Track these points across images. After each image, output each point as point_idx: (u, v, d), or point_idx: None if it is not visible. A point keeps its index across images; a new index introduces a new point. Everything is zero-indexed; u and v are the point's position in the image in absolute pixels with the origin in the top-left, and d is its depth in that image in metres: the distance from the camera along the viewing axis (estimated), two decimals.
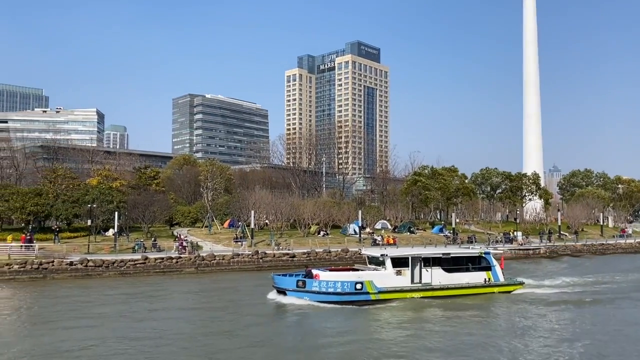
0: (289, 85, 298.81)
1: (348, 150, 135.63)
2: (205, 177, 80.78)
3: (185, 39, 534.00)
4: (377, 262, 32.68)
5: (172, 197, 78.52)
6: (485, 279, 34.23)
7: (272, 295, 31.43)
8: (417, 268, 32.07)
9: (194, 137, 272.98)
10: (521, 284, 36.11)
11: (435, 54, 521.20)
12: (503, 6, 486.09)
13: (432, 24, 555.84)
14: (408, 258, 32.07)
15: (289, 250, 55.30)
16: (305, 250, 55.18)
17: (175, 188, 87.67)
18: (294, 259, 52.43)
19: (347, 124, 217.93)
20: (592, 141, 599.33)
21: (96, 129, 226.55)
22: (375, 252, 34.56)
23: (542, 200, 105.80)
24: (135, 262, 45.81)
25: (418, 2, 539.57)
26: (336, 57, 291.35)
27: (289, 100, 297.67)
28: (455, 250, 36.77)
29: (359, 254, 56.53)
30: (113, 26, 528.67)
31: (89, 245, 50.55)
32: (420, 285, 31.99)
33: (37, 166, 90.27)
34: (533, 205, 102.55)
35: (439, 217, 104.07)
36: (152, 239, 54.72)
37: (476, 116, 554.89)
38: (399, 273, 31.57)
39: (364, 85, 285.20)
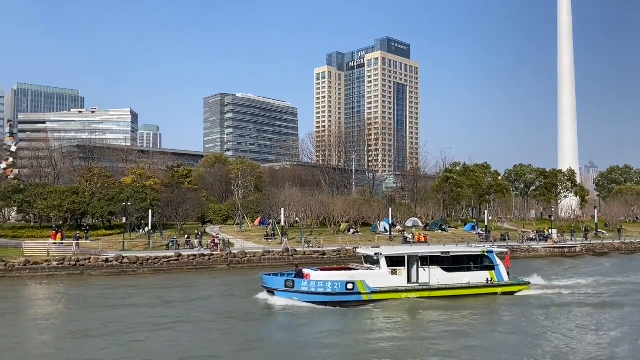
0: (319, 83, 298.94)
1: (378, 147, 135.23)
2: (236, 176, 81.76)
3: (216, 39, 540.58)
4: (372, 261, 31.39)
5: (204, 195, 79.62)
6: (487, 279, 32.49)
7: (263, 295, 30.14)
8: (414, 267, 30.76)
9: (225, 136, 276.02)
10: (527, 284, 34.10)
11: (466, 49, 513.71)
12: (536, 0, 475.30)
13: (462, 18, 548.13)
14: (404, 257, 30.85)
15: (319, 247, 55.38)
16: (335, 248, 55.17)
17: (207, 186, 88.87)
18: (324, 256, 52.49)
19: (377, 121, 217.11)
20: (631, 136, 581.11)
21: (130, 129, 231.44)
22: (370, 250, 33.15)
23: (578, 197, 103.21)
24: (169, 259, 46.71)
25: None
26: (365, 53, 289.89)
27: (318, 98, 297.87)
28: (455, 249, 35.17)
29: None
30: (146, 28, 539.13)
31: (124, 242, 51.69)
32: (417, 285, 30.62)
33: (74, 165, 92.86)
34: (568, 203, 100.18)
35: (471, 214, 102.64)
36: (186, 236, 55.64)
37: (509, 111, 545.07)
38: (394, 272, 30.22)
39: (394, 82, 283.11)
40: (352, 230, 67.68)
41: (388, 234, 65.19)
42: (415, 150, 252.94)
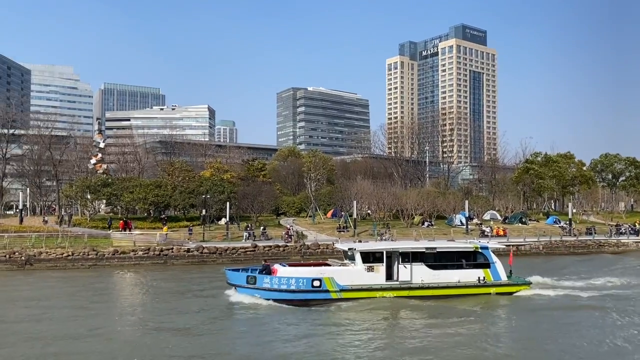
0: (390, 74, 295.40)
1: (453, 138, 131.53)
2: (308, 168, 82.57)
3: (287, 34, 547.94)
4: (348, 257, 29.40)
5: (278, 187, 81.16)
6: (479, 278, 29.35)
7: (230, 291, 28.38)
8: (394, 264, 28.37)
9: (297, 130, 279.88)
10: (527, 284, 30.81)
11: (547, 33, 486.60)
12: None
13: (543, 0, 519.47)
14: (382, 253, 28.42)
15: (392, 240, 54.80)
16: (408, 241, 54.35)
17: (281, 179, 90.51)
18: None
19: (452, 110, 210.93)
20: None
21: (208, 125, 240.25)
22: (345, 245, 31.21)
23: None
24: (246, 249, 48.23)
25: None
26: (439, 42, 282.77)
27: (390, 89, 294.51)
28: (442, 245, 32.18)
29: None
30: (220, 26, 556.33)
31: (203, 233, 53.78)
32: (397, 283, 28.18)
33: (157, 160, 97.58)
34: None
35: (553, 207, 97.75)
36: (262, 227, 57.04)
37: (594, 98, 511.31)
38: (370, 269, 27.92)
39: (470, 70, 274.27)
40: (426, 223, 66.46)
41: (464, 227, 63.43)
42: (492, 141, 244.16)
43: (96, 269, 42.51)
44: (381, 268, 28.13)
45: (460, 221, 65.91)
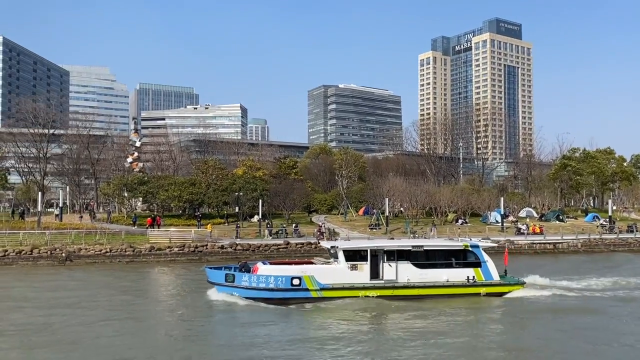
0: (422, 69, 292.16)
1: (487, 134, 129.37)
2: (339, 166, 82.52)
3: (318, 31, 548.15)
4: (332, 255, 28.89)
5: (310, 185, 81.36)
6: (469, 277, 28.27)
7: (211, 290, 28.00)
8: (379, 263, 27.67)
9: (328, 127, 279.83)
10: (521, 284, 29.38)
11: (583, 25, 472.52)
12: None
13: None
14: (366, 251, 27.71)
15: (425, 238, 54.23)
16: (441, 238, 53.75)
17: (312, 176, 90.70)
18: None
19: (486, 106, 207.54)
20: None
21: (240, 123, 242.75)
22: (328, 243, 30.75)
23: None
24: (279, 246, 48.55)
25: None
26: (473, 36, 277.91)
27: (422, 85, 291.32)
28: (430, 243, 31.30)
29: (502, 243, 53.79)
30: (252, 25, 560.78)
31: (237, 230, 54.41)
32: (381, 282, 27.45)
33: (191, 158, 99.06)
34: None
35: (592, 204, 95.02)
36: (294, 225, 57.30)
37: (635, 92, 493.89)
38: (354, 268, 27.27)
39: (504, 64, 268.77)
40: (460, 221, 65.52)
41: (499, 224, 62.28)
42: (528, 136, 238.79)
43: (133, 265, 43.49)
44: (365, 266, 27.50)
45: (496, 219, 64.79)
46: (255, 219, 61.61)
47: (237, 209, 61.15)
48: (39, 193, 62.14)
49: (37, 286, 32.86)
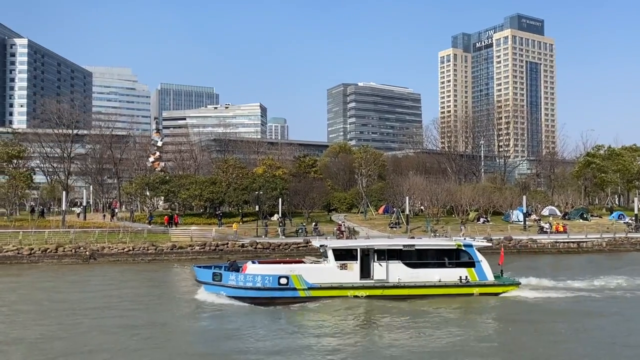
0: (443, 67, 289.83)
1: (509, 131, 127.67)
2: (359, 164, 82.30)
3: (336, 28, 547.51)
4: (321, 254, 28.57)
5: (329, 184, 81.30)
6: (461, 277, 27.78)
7: (200, 289, 27.89)
8: (369, 262, 27.36)
9: (348, 125, 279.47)
10: (516, 284, 28.79)
11: (607, 18, 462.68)
12: None
13: None
14: (356, 250, 27.50)
15: (446, 237, 53.80)
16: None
17: (332, 175, 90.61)
18: None
19: (508, 103, 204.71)
20: None
21: (260, 122, 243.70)
22: (318, 242, 30.55)
23: None
24: (298, 245, 48.62)
25: None
26: (494, 32, 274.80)
27: (442, 82, 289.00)
28: (421, 242, 30.76)
29: (524, 242, 53.09)
30: (271, 24, 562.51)
31: (257, 229, 54.66)
32: (371, 282, 27.13)
33: (212, 157, 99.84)
34: None
35: (617, 202, 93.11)
36: (314, 223, 57.32)
37: None
38: (343, 267, 27.01)
39: (526, 61, 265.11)
40: (481, 219, 64.82)
41: (522, 223, 61.45)
42: (551, 134, 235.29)
43: (155, 263, 44.01)
44: (355, 266, 27.19)
45: (518, 217, 63.92)
46: (275, 217, 61.84)
47: (257, 208, 61.42)
48: (63, 192, 63.28)
49: (76, 288, 32.71)
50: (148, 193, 65.66)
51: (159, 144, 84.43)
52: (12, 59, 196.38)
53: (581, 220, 66.48)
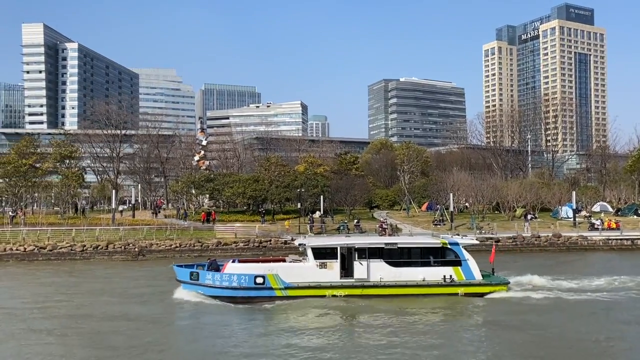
0: (487, 60, 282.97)
1: (557, 125, 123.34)
2: (401, 161, 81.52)
3: (377, 23, 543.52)
4: (301, 253, 27.87)
5: (371, 180, 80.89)
6: (446, 276, 26.79)
7: (178, 288, 27.72)
8: (350, 261, 26.72)
9: (389, 122, 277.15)
10: (504, 284, 27.54)
11: None
12: None
13: None
14: (336, 248, 26.83)
15: (492, 234, 52.64)
16: (510, 235, 51.99)
17: (373, 172, 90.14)
18: (498, 243, 49.65)
19: (556, 96, 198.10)
20: None
21: (301, 120, 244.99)
22: (298, 241, 29.91)
23: None
24: None
25: None
26: (540, 24, 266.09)
27: (487, 76, 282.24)
28: (405, 240, 29.75)
29: (574, 239, 51.35)
30: (309, 22, 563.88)
31: (299, 226, 54.99)
32: (352, 281, 26.50)
33: (254, 156, 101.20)
34: None
35: None
36: (355, 220, 57.20)
37: None
38: (323, 266, 26.42)
39: (575, 52, 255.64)
40: (529, 216, 62.98)
41: (571, 219, 59.40)
42: (602, 127, 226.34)
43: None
44: (335, 265, 26.68)
45: (567, 214, 61.87)
46: (317, 215, 62.04)
47: (299, 205, 61.78)
48: (113, 191, 65.46)
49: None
50: (194, 191, 67.11)
51: (204, 143, 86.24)
52: (63, 62, 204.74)
53: (635, 217, 63.73)
